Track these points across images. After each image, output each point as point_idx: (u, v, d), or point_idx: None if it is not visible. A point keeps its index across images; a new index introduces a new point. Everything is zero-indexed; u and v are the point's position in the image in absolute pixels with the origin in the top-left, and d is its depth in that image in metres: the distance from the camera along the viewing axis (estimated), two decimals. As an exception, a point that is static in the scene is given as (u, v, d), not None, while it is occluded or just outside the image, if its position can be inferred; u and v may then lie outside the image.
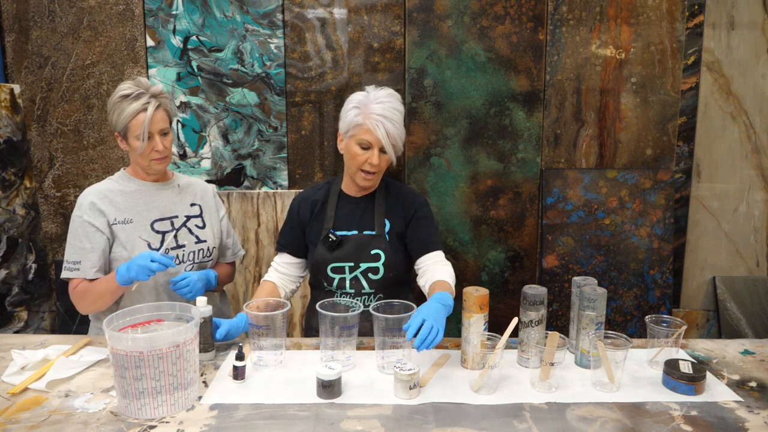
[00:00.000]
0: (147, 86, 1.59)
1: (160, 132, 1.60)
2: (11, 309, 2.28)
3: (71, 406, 1.21)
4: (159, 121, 1.59)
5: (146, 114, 1.55)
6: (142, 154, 1.60)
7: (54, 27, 2.36)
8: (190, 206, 1.74)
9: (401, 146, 1.66)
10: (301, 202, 1.74)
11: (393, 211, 1.71)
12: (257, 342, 1.39)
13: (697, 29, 2.49)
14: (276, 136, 2.45)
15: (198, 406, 1.22)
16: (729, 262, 2.64)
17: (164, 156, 1.63)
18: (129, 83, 1.59)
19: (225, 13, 2.37)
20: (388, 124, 1.58)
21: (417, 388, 1.27)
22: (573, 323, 1.47)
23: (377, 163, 1.60)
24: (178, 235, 1.68)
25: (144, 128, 1.55)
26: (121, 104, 1.56)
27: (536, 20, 2.37)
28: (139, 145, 1.57)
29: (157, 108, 1.58)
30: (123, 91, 1.57)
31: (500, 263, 2.50)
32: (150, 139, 1.58)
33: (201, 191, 1.80)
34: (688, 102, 2.52)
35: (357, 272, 1.66)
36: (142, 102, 1.55)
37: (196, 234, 1.71)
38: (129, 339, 1.14)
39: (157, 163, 1.63)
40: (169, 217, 1.69)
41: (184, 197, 1.74)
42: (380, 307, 1.41)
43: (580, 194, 2.46)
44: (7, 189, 2.28)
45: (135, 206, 1.65)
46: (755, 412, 1.21)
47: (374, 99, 1.61)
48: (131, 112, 1.55)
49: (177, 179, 1.76)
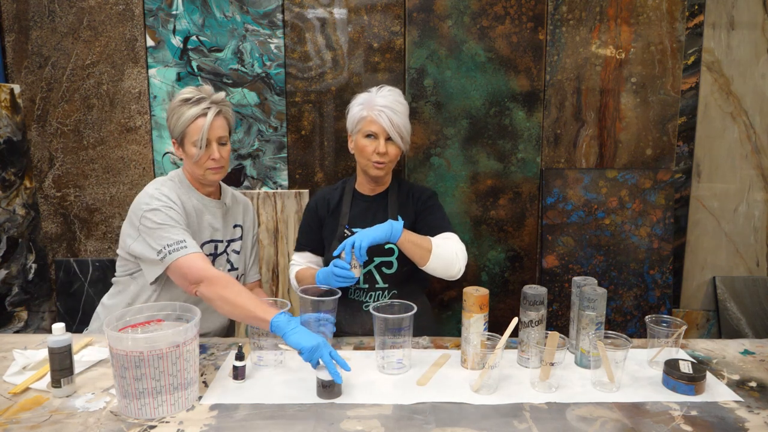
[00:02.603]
0: (209, 92, 1.55)
1: (219, 140, 1.54)
2: (11, 309, 2.28)
3: (72, 406, 1.21)
4: (218, 128, 1.53)
5: (206, 119, 1.49)
6: (198, 162, 1.53)
7: (54, 27, 2.36)
8: (233, 228, 1.69)
9: (408, 137, 1.70)
10: (318, 200, 1.80)
11: (405, 206, 1.75)
12: (257, 342, 1.39)
13: (697, 29, 2.49)
14: (276, 136, 2.45)
15: (198, 406, 1.22)
16: (729, 262, 2.64)
17: (220, 166, 1.56)
18: (191, 88, 1.54)
19: (225, 13, 2.37)
20: (390, 113, 1.63)
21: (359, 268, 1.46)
22: (573, 323, 1.47)
23: (384, 150, 1.65)
24: (217, 261, 1.63)
25: (203, 134, 1.49)
26: (180, 108, 1.51)
27: (536, 20, 2.37)
28: (195, 152, 1.51)
29: (217, 114, 1.52)
30: (184, 95, 1.52)
31: (500, 263, 2.50)
32: (207, 146, 1.52)
33: (243, 209, 1.75)
34: (688, 102, 2.52)
35: (371, 266, 1.69)
36: (203, 107, 1.50)
37: (231, 261, 1.67)
38: (129, 339, 1.15)
39: (213, 173, 1.56)
40: (215, 240, 1.63)
41: (228, 219, 1.68)
42: (380, 307, 1.41)
43: (580, 194, 2.46)
44: (7, 189, 2.28)
45: (192, 223, 1.58)
46: (755, 412, 1.21)
47: (377, 95, 1.68)
48: (190, 116, 1.50)
49: (225, 195, 1.69)
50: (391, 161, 1.70)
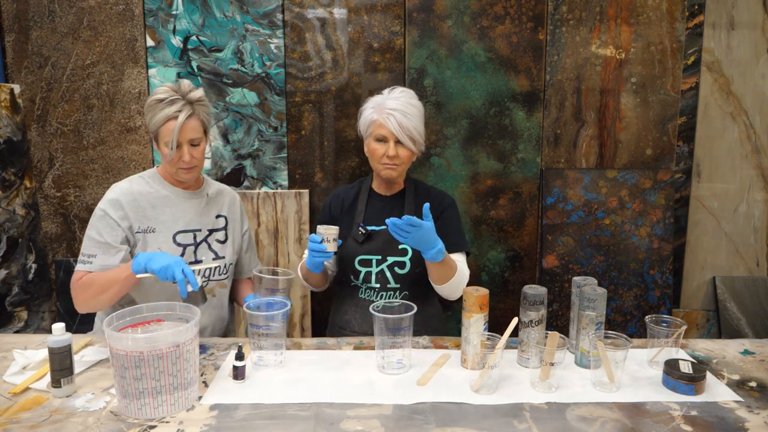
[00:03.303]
0: (185, 91, 1.53)
1: (190, 142, 1.54)
2: (11, 309, 2.28)
3: (72, 406, 1.21)
4: (190, 131, 1.53)
5: (176, 122, 1.49)
6: (170, 162, 1.55)
7: (54, 27, 2.36)
8: (215, 218, 1.69)
9: (420, 139, 1.69)
10: (333, 199, 1.82)
11: (421, 209, 1.72)
12: (257, 342, 1.39)
13: (697, 29, 2.49)
14: (276, 136, 2.45)
15: (198, 406, 1.22)
16: (729, 262, 2.64)
17: (192, 166, 1.57)
18: (167, 86, 1.53)
19: (225, 13, 2.37)
20: (399, 116, 1.62)
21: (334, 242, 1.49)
22: (573, 323, 1.47)
23: (393, 154, 1.64)
24: (198, 250, 1.63)
25: (173, 137, 1.50)
26: (154, 108, 1.51)
27: (536, 20, 2.37)
28: (167, 153, 1.53)
29: (189, 116, 1.52)
30: (159, 95, 1.51)
31: (500, 263, 2.50)
32: (178, 148, 1.53)
33: (229, 201, 1.75)
34: (688, 102, 2.52)
35: (384, 266, 1.68)
36: (175, 109, 1.49)
37: (215, 249, 1.67)
38: (129, 339, 1.15)
39: (184, 173, 1.58)
40: (193, 229, 1.64)
41: (210, 208, 1.69)
42: (380, 307, 1.41)
43: (580, 194, 2.46)
44: (7, 189, 2.28)
45: (161, 215, 1.60)
46: (755, 412, 1.21)
47: (389, 97, 1.67)
48: (162, 117, 1.49)
49: (207, 187, 1.71)
50: (404, 163, 1.69)
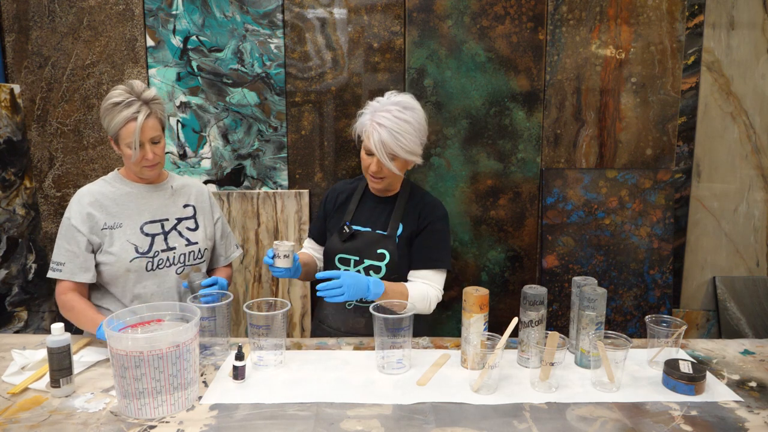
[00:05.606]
0: (139, 92, 1.56)
1: (151, 140, 1.58)
2: (11, 309, 2.28)
3: (71, 406, 1.21)
4: (149, 129, 1.57)
5: (136, 123, 1.53)
6: (134, 162, 1.59)
7: (54, 27, 2.36)
8: (182, 208, 1.73)
9: (407, 156, 1.59)
10: (330, 193, 1.84)
11: (410, 216, 1.71)
12: (257, 342, 1.39)
13: (697, 29, 2.49)
14: (276, 136, 2.45)
15: (198, 406, 1.22)
16: (729, 262, 2.64)
17: (155, 163, 1.62)
18: (121, 88, 1.56)
19: (225, 13, 2.37)
20: (384, 133, 1.54)
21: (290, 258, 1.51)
22: (573, 323, 1.47)
23: (375, 170, 1.61)
24: (169, 238, 1.67)
25: (135, 138, 1.53)
26: (111, 111, 1.54)
27: (536, 20, 2.37)
28: (131, 153, 1.56)
29: (148, 116, 1.56)
30: (114, 99, 1.54)
31: (500, 263, 2.50)
32: (141, 147, 1.57)
33: (196, 192, 1.79)
34: (688, 102, 2.52)
35: (360, 267, 1.68)
36: (133, 110, 1.53)
37: (186, 236, 1.71)
38: (129, 339, 1.15)
39: (149, 170, 1.63)
40: (160, 219, 1.67)
41: (176, 199, 1.73)
42: (380, 307, 1.41)
43: (580, 194, 2.46)
44: (7, 189, 2.28)
45: (125, 210, 1.64)
46: (755, 412, 1.21)
47: (384, 106, 1.59)
48: (121, 120, 1.53)
49: (171, 180, 1.75)
50: (389, 177, 1.64)
